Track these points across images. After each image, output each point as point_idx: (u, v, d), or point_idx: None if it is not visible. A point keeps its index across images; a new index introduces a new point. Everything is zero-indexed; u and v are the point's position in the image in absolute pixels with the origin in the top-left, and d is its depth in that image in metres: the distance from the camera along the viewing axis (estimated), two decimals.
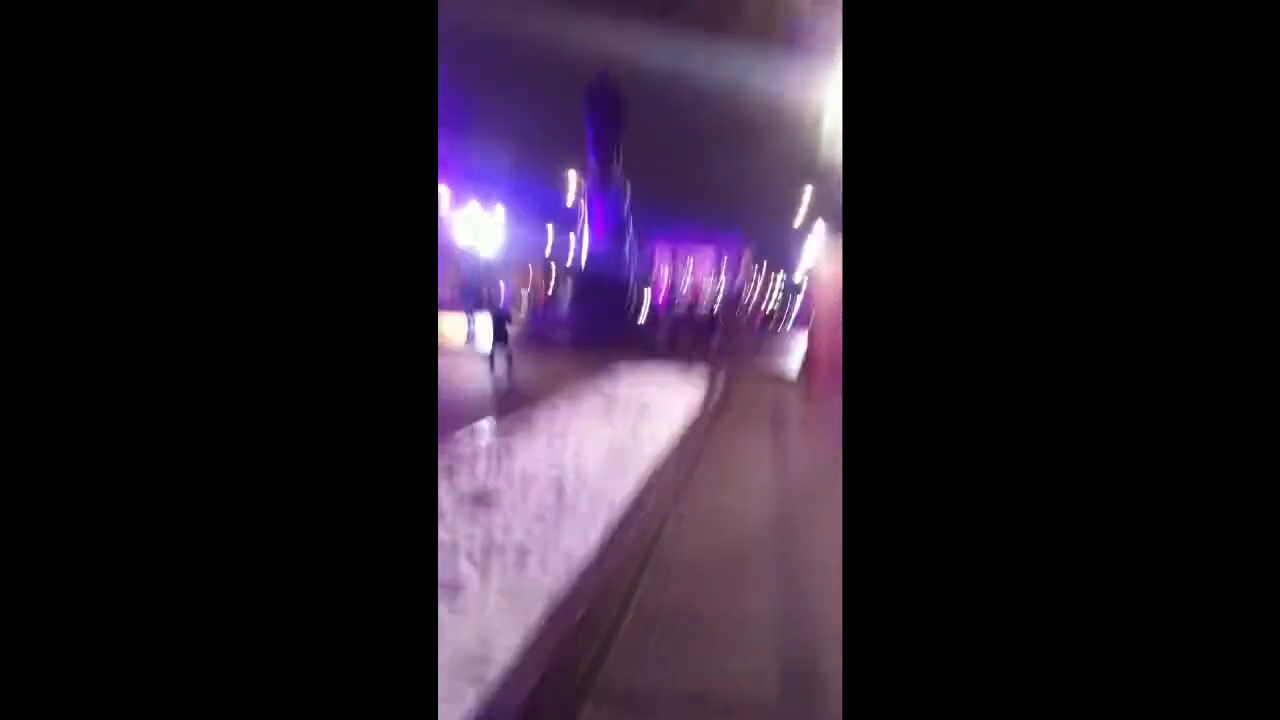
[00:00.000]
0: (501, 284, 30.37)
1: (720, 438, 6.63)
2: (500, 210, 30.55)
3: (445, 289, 27.60)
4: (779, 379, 13.31)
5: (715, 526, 3.96)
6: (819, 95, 11.18)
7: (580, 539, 3.67)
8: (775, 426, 7.68)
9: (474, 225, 27.82)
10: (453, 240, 27.62)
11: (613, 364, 12.44)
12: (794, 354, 17.07)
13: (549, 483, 4.58)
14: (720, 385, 10.71)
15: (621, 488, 4.52)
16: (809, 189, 29.82)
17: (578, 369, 11.43)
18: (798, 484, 5.05)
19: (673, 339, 20.56)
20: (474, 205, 28.08)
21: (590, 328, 18.41)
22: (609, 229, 21.22)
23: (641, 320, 22.69)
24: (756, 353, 20.07)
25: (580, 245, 22.29)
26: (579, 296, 21.41)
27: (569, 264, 27.95)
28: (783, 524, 4.05)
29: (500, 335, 10.73)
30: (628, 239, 21.80)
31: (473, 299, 26.04)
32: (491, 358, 10.74)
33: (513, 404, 7.48)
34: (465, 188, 28.84)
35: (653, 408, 7.82)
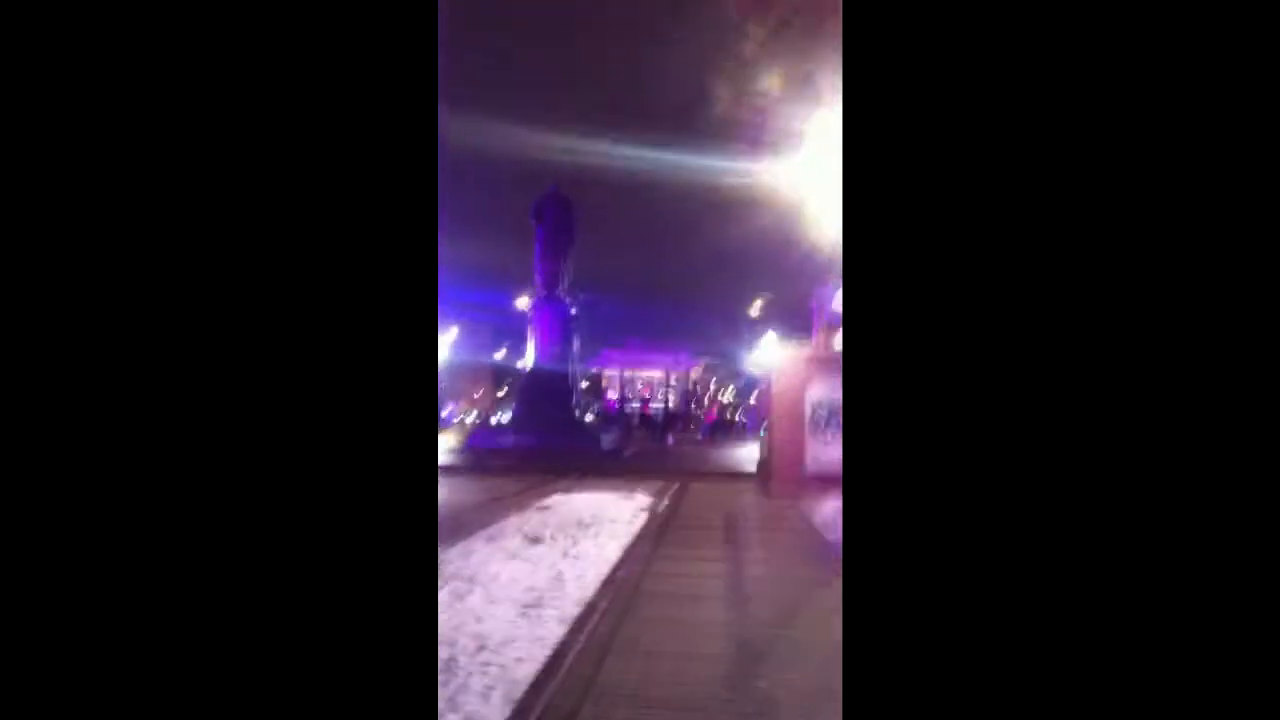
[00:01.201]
0: (449, 405, 29.42)
1: (666, 563, 5.62)
2: (453, 331, 29.83)
3: None
4: (735, 475, 12.49)
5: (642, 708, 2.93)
6: (785, 192, 11.06)
7: None
8: (731, 536, 6.70)
9: None
10: None
11: (553, 479, 11.37)
12: (746, 451, 16.44)
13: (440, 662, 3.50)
14: (672, 490, 9.75)
15: (530, 655, 3.47)
16: (758, 301, 30.16)
17: (513, 488, 10.32)
18: (759, 629, 4.05)
19: (623, 441, 19.79)
20: None
21: (535, 437, 17.49)
22: (555, 344, 20.71)
23: (590, 418, 21.92)
24: (711, 449, 19.20)
25: (526, 360, 21.70)
26: (524, 409, 20.62)
27: (512, 379, 27.29)
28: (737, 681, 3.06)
29: None
30: (573, 353, 21.31)
31: None
32: None
33: None
34: None
35: (589, 530, 6.77)
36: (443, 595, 4.44)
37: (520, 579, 4.93)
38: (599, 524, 7.22)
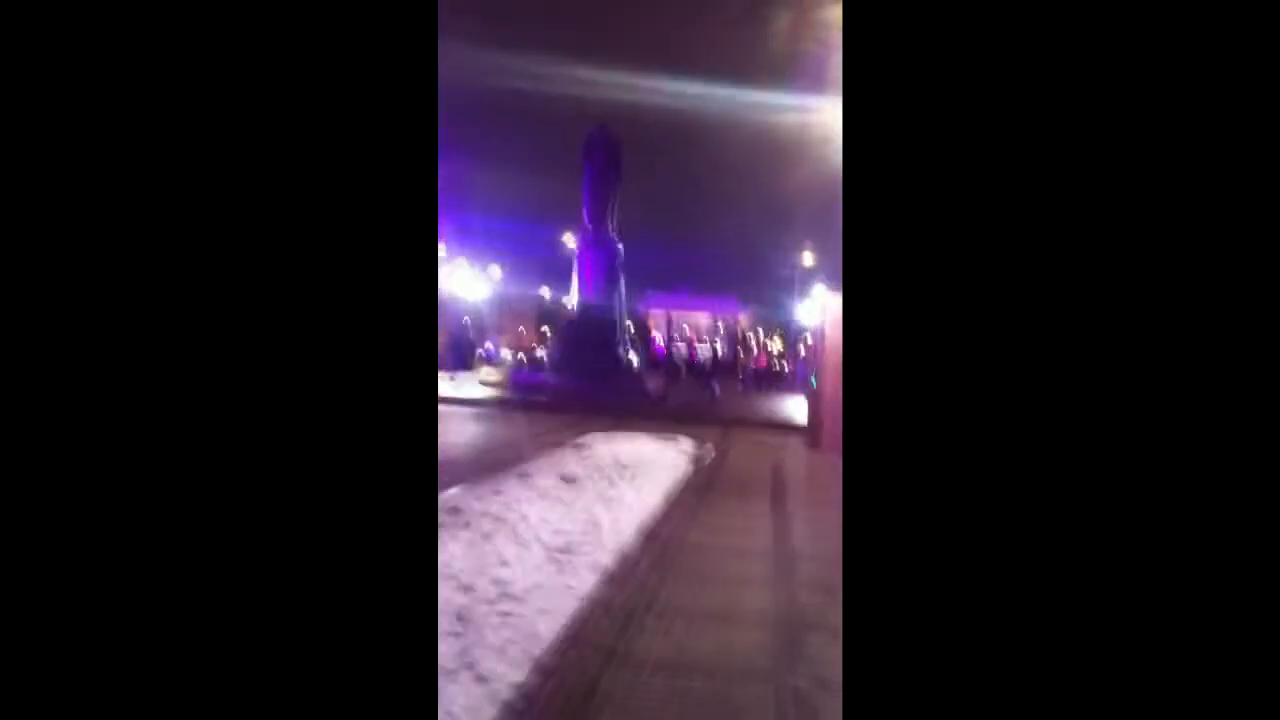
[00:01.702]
0: (489, 344, 29.50)
1: (708, 520, 5.25)
2: (496, 269, 29.59)
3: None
4: (784, 427, 12.09)
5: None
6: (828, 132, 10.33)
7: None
8: (776, 500, 6.30)
9: (464, 282, 27.00)
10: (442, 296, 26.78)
11: (594, 421, 11.07)
12: (793, 404, 15.98)
13: (448, 610, 3.18)
14: (715, 443, 9.36)
15: (555, 610, 3.13)
16: (808, 252, 29.21)
17: (553, 430, 10.05)
18: (802, 602, 3.65)
19: (668, 387, 19.47)
20: (462, 262, 27.25)
21: (577, 379, 17.25)
22: (600, 284, 20.32)
23: (634, 362, 21.65)
24: (760, 399, 18.78)
25: (570, 299, 21.38)
26: (566, 350, 20.41)
27: (560, 318, 27.02)
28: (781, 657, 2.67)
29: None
30: (619, 294, 20.94)
31: (457, 356, 25.06)
32: None
33: (450, 482, 6.03)
34: (460, 243, 27.94)
35: (628, 480, 6.43)
36: (465, 535, 4.13)
37: (551, 520, 4.61)
38: (639, 469, 6.87)
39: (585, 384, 16.88)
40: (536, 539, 4.14)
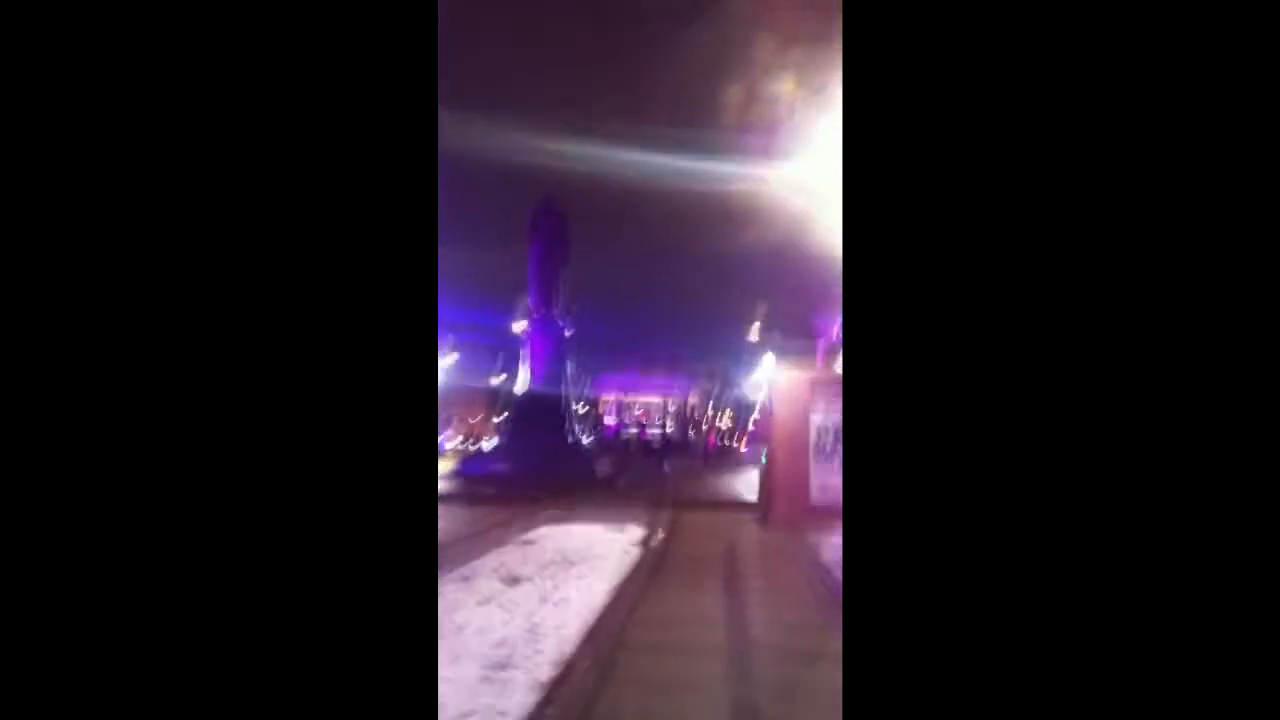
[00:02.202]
0: (446, 430, 28.98)
1: (657, 614, 5.04)
2: (452, 356, 29.21)
3: None
4: (735, 504, 11.97)
5: None
6: (793, 202, 10.56)
7: None
8: (730, 577, 6.11)
9: None
10: None
11: (543, 508, 10.76)
12: (746, 478, 15.86)
13: None
14: (667, 522, 9.15)
15: None
16: (757, 323, 29.63)
17: (499, 518, 9.73)
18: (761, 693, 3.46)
19: (620, 467, 19.20)
20: None
21: (528, 463, 16.88)
22: (549, 368, 20.13)
23: (585, 442, 21.33)
24: (710, 476, 18.63)
25: (520, 384, 21.11)
26: (516, 431, 20.07)
27: (507, 400, 26.73)
28: None
29: None
30: (566, 377, 20.77)
31: None
32: None
33: None
34: None
35: (575, 577, 6.18)
36: None
37: (491, 629, 4.35)
38: (587, 561, 6.63)
39: (535, 466, 16.52)
40: (473, 654, 3.88)
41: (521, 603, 5.05)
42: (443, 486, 15.17)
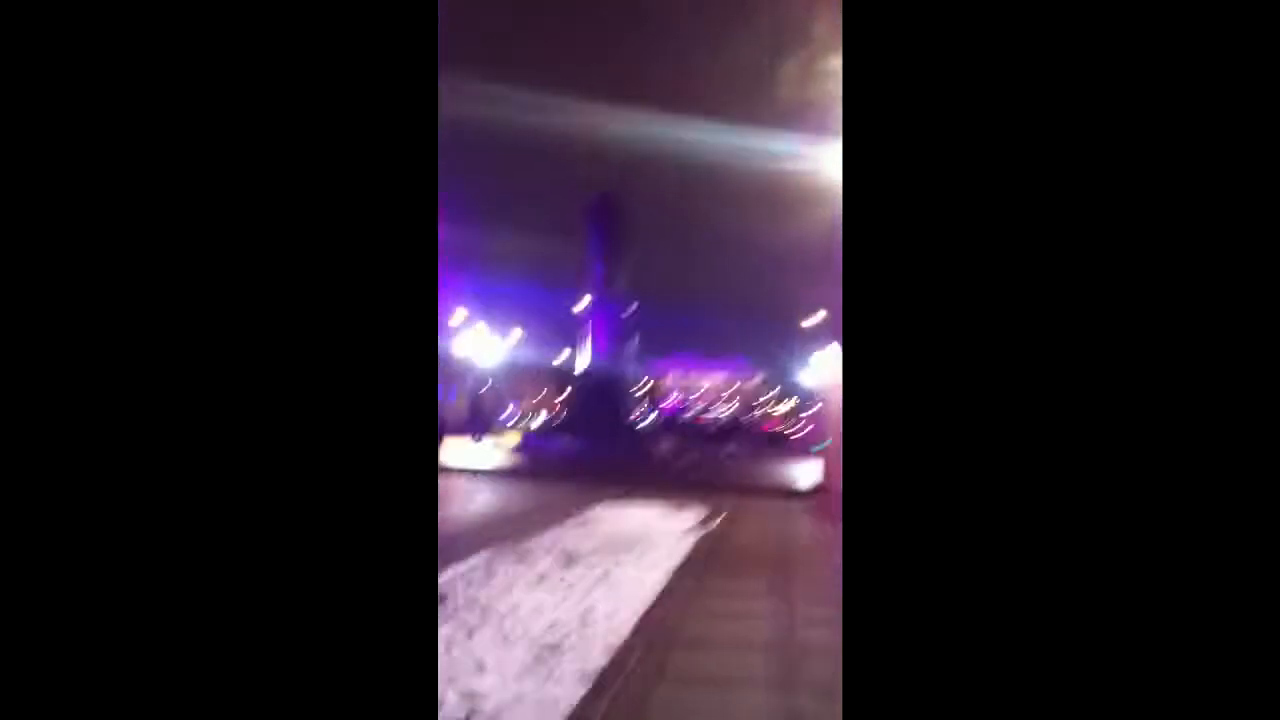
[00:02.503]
0: (510, 405, 29.43)
1: (705, 603, 4.99)
2: (517, 332, 29.61)
3: (447, 414, 26.28)
4: (790, 493, 11.76)
5: None
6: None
7: None
8: (786, 567, 6.02)
9: (481, 346, 26.92)
10: (455, 360, 26.72)
11: (601, 487, 10.80)
12: (804, 465, 15.63)
13: None
14: (721, 509, 9.08)
15: None
16: (822, 312, 29.05)
17: (564, 498, 9.80)
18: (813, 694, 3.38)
19: (678, 450, 19.20)
20: (482, 326, 27.20)
21: (588, 442, 17.04)
22: (609, 345, 20.30)
23: (646, 424, 21.54)
24: (766, 463, 18.44)
25: (581, 359, 21.27)
26: (578, 413, 20.27)
27: (569, 379, 26.95)
28: None
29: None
30: (630, 352, 20.92)
31: (480, 422, 24.92)
32: None
33: (446, 560, 5.78)
34: (476, 307, 27.92)
35: (634, 558, 6.17)
36: (446, 630, 3.90)
37: (545, 609, 4.37)
38: (641, 544, 6.61)
39: (595, 445, 16.65)
40: (525, 635, 3.90)
41: (579, 582, 5.06)
42: (503, 461, 15.41)
